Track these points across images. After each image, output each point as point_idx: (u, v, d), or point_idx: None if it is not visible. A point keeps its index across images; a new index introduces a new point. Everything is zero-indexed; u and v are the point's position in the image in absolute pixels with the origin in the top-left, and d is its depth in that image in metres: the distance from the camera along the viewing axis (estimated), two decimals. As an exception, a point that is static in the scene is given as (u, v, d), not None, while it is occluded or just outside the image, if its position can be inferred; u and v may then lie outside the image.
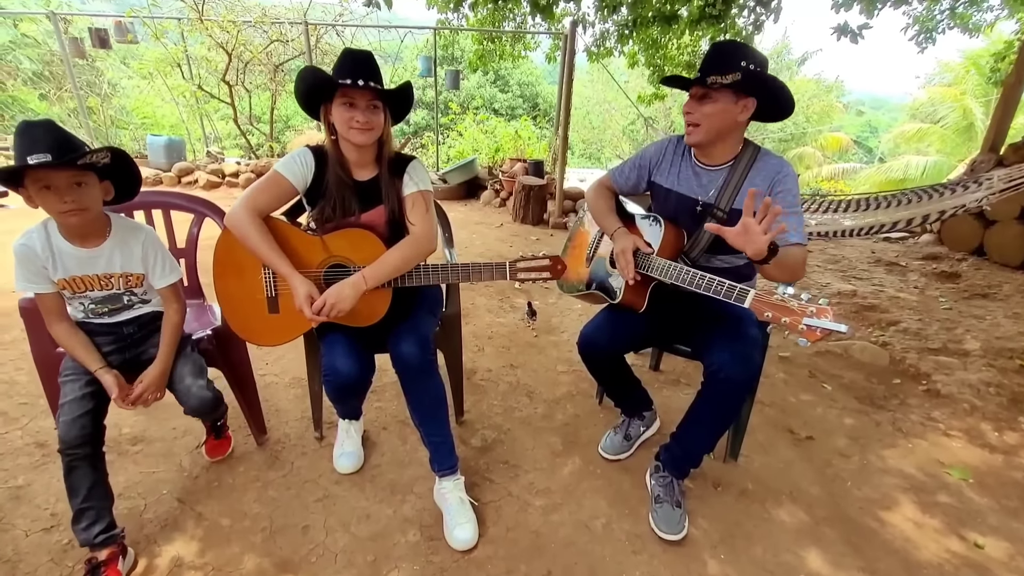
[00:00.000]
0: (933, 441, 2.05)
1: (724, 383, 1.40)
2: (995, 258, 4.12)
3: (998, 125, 4.44)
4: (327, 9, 6.97)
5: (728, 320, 1.53)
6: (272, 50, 5.97)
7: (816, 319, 1.10)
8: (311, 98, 1.48)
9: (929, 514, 1.67)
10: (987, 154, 4.41)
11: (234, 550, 1.42)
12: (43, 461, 1.71)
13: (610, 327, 1.65)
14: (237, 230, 1.41)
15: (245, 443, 1.83)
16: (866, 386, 2.43)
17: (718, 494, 1.71)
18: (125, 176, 1.35)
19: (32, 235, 1.30)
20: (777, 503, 1.68)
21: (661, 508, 1.54)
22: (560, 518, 1.58)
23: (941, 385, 2.40)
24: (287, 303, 1.50)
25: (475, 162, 6.27)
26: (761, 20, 4.96)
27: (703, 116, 1.39)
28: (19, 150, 1.17)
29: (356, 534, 1.49)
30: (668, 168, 1.61)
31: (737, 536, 1.54)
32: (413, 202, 1.55)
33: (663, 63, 6.49)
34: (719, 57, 1.35)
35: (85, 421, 1.30)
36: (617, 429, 1.88)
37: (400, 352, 1.48)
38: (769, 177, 1.44)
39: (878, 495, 1.74)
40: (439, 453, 1.54)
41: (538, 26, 6.74)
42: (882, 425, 2.14)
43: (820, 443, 1.99)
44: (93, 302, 1.41)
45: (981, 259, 4.21)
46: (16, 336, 2.49)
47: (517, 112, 19.37)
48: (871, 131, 26.83)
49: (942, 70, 14.79)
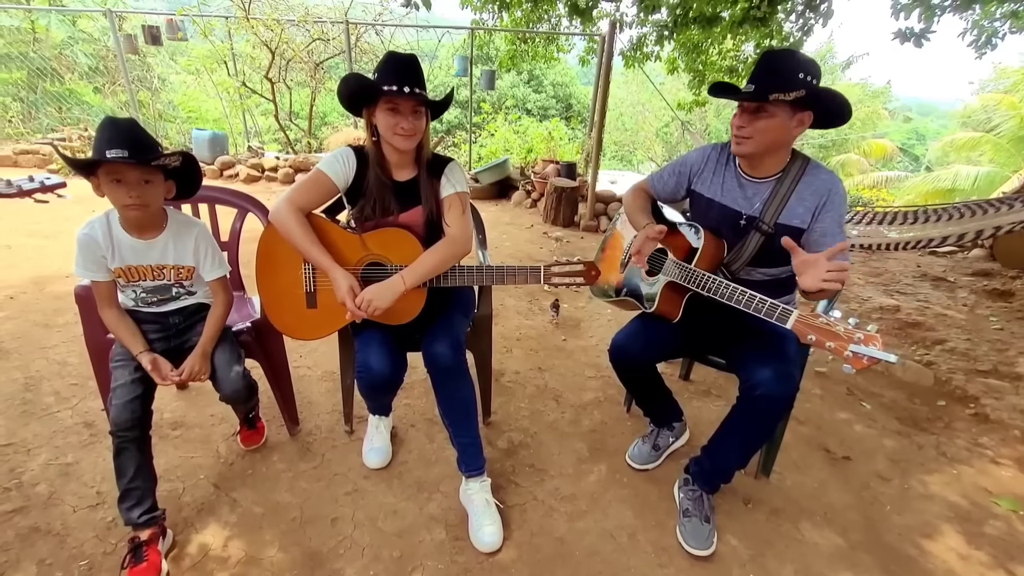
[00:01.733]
0: (980, 468, 1.95)
1: (762, 400, 1.36)
2: (1053, 277, 3.89)
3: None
4: (367, 8, 7.09)
5: (767, 335, 1.49)
6: (313, 48, 6.13)
7: (864, 346, 1.06)
8: (354, 101, 1.51)
9: (975, 545, 1.59)
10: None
11: (265, 537, 1.46)
12: (91, 441, 1.79)
13: (643, 336, 1.63)
14: (281, 225, 1.45)
15: (278, 433, 1.88)
16: (908, 407, 2.33)
17: (748, 511, 1.67)
18: (188, 178, 1.42)
19: (95, 225, 1.37)
20: (810, 524, 1.63)
21: (690, 522, 1.52)
22: (585, 526, 1.57)
23: (990, 410, 2.28)
24: (325, 299, 1.53)
25: (507, 162, 6.28)
26: (810, 24, 4.80)
27: (756, 131, 1.34)
28: (99, 143, 1.24)
29: (383, 529, 1.51)
30: (711, 177, 1.57)
31: (767, 555, 1.50)
32: (450, 204, 1.56)
33: (704, 69, 6.37)
34: (775, 69, 1.29)
35: (135, 405, 1.36)
36: (646, 438, 1.85)
37: (433, 352, 1.49)
38: (819, 194, 1.39)
39: (919, 522, 1.67)
40: (467, 454, 1.54)
41: (573, 28, 6.72)
42: (925, 449, 2.05)
43: (858, 464, 1.92)
44: (144, 291, 1.47)
45: (1038, 277, 3.98)
46: (69, 319, 2.62)
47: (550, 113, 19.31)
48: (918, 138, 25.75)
49: (999, 76, 14.06)
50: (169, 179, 1.40)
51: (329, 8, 6.52)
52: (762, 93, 1.30)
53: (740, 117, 1.37)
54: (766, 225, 1.44)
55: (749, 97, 1.32)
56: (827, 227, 1.38)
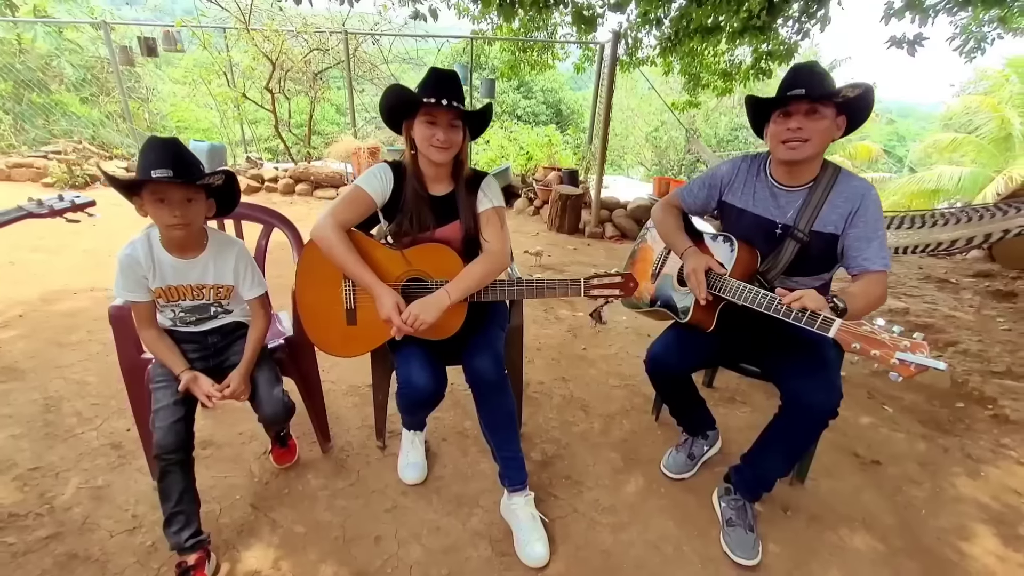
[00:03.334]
0: (1007, 469, 1.98)
1: (807, 410, 1.37)
2: (1052, 277, 3.98)
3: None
4: (363, 18, 7.10)
5: (805, 343, 1.50)
6: (311, 58, 6.11)
7: (911, 354, 1.07)
8: (394, 114, 1.51)
9: (1012, 548, 1.61)
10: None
11: (311, 558, 1.44)
12: (119, 462, 1.76)
13: (679, 346, 1.64)
14: (323, 243, 1.44)
15: (309, 450, 1.86)
16: (928, 409, 2.36)
17: (788, 519, 1.67)
18: (227, 195, 1.41)
19: (136, 245, 1.36)
20: (850, 530, 1.64)
21: (734, 531, 1.52)
22: (629, 537, 1.56)
23: (1010, 411, 2.32)
24: (365, 316, 1.52)
25: (509, 170, 6.30)
26: (807, 29, 4.89)
27: (815, 131, 1.34)
28: (144, 163, 1.23)
29: (428, 547, 1.50)
30: (741, 188, 1.59)
31: (812, 563, 1.51)
32: (488, 219, 1.57)
33: (700, 71, 6.46)
34: (816, 75, 1.32)
35: (179, 427, 1.34)
36: (680, 448, 1.86)
37: (475, 367, 1.49)
38: (852, 200, 1.41)
39: (955, 525, 1.69)
40: (510, 468, 1.54)
41: (570, 36, 6.78)
42: (951, 451, 2.07)
43: (888, 468, 1.94)
44: (183, 311, 1.45)
45: (1038, 278, 4.07)
46: (82, 337, 2.57)
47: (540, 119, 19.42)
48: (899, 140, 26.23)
49: (979, 78, 14.40)
50: (210, 197, 1.40)
51: (326, 18, 6.52)
52: (822, 94, 1.31)
53: (796, 119, 1.36)
54: (801, 233, 1.46)
55: (810, 98, 1.32)
56: (861, 232, 1.39)
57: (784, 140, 1.40)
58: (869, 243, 1.38)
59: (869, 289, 1.34)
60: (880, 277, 1.36)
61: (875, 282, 1.36)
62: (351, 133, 6.01)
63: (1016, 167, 10.19)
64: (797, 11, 4.92)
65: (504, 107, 18.20)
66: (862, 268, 1.39)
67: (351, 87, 6.02)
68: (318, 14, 6.17)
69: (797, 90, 1.34)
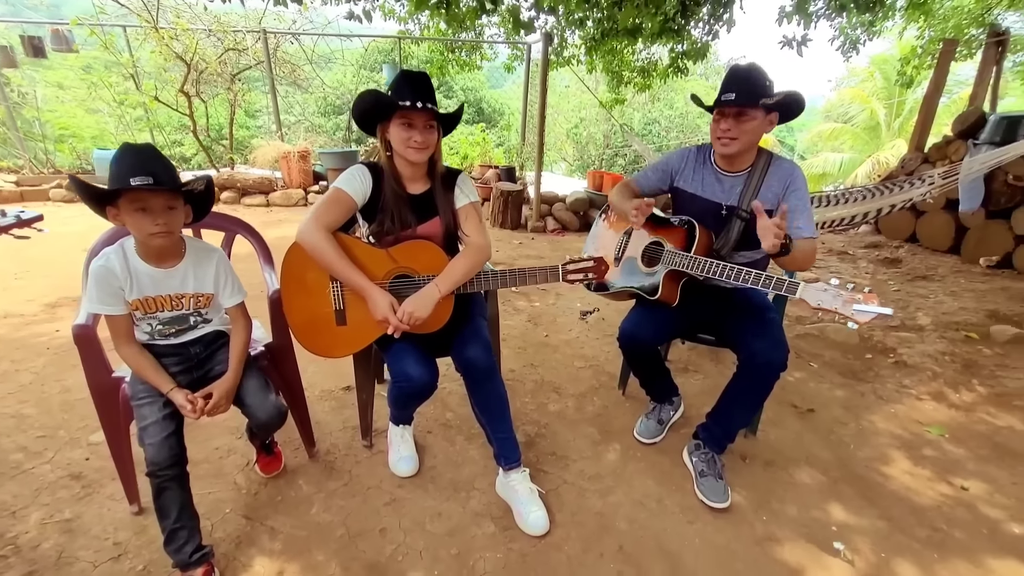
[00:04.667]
0: (909, 405, 2.35)
1: (764, 367, 1.58)
2: (927, 244, 4.66)
3: (921, 128, 5.02)
4: (280, 17, 6.79)
5: (755, 309, 1.72)
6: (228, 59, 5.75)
7: (865, 305, 1.28)
8: (368, 118, 1.54)
9: (920, 466, 1.94)
10: (914, 153, 4.98)
11: (318, 558, 1.45)
12: (84, 493, 1.65)
13: (648, 321, 1.80)
14: (311, 247, 1.45)
15: (294, 457, 1.84)
16: (845, 362, 2.73)
17: (747, 465, 1.90)
18: (202, 202, 1.38)
19: (110, 256, 1.30)
20: (797, 468, 1.89)
21: (706, 481, 1.71)
22: (616, 499, 1.71)
23: (907, 357, 2.74)
24: (354, 315, 1.55)
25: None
26: (716, 30, 5.35)
27: (742, 132, 1.55)
28: (121, 171, 1.19)
29: (433, 532, 1.55)
30: (691, 175, 1.78)
31: (771, 500, 1.73)
32: (467, 214, 1.64)
33: (621, 69, 6.84)
34: (749, 80, 1.52)
35: (172, 442, 1.30)
36: (649, 415, 2.04)
37: (467, 356, 1.56)
38: (783, 180, 1.64)
39: (877, 454, 1.99)
40: (505, 448, 1.63)
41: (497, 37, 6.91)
42: (866, 395, 2.42)
43: (819, 414, 2.24)
44: (161, 323, 1.40)
45: (915, 245, 4.75)
46: (6, 368, 2.34)
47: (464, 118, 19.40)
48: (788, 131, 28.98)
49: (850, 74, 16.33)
50: (186, 204, 1.36)
51: (240, 16, 6.17)
52: (750, 99, 1.51)
53: (726, 122, 1.57)
54: (744, 212, 1.67)
55: (738, 103, 1.53)
56: (793, 205, 1.62)
57: (718, 137, 1.61)
58: (801, 214, 1.62)
59: (805, 247, 1.57)
60: (812, 242, 1.60)
61: (808, 245, 1.59)
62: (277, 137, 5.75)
63: (883, 151, 11.70)
64: (706, 14, 5.37)
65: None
66: (797, 235, 1.61)
67: (274, 89, 5.75)
68: (231, 12, 5.83)
69: (728, 95, 1.54)
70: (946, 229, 4.44)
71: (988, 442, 2.10)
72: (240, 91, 6.02)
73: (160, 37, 4.93)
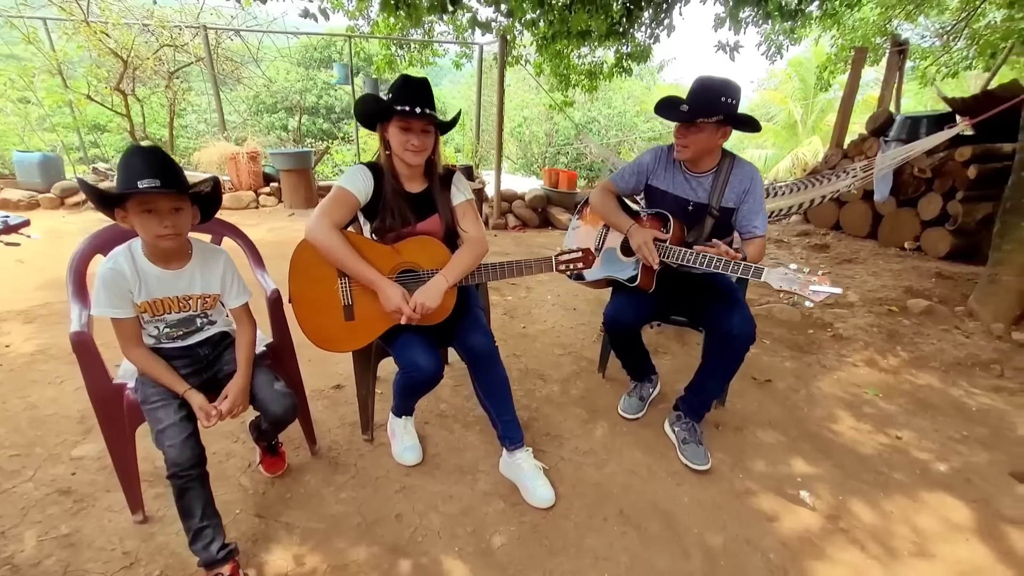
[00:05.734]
0: (849, 371, 2.67)
1: (737, 340, 1.77)
2: (849, 231, 5.19)
3: (840, 126, 5.57)
4: (218, 12, 6.49)
5: (723, 291, 1.92)
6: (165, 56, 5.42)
7: (820, 286, 1.49)
8: (369, 118, 1.60)
9: (862, 421, 2.22)
10: (835, 149, 5.52)
11: (339, 546, 1.49)
12: (78, 507, 1.60)
13: (630, 307, 1.96)
14: (322, 243, 1.49)
15: (297, 456, 1.86)
16: (791, 337, 3.04)
17: (720, 432, 2.11)
18: (208, 202, 1.39)
19: (119, 258, 1.29)
20: (762, 431, 2.12)
21: (688, 447, 1.89)
22: (611, 470, 1.86)
23: (842, 330, 3.08)
24: (362, 310, 1.60)
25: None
26: (657, 34, 5.66)
27: (691, 142, 1.75)
28: (128, 173, 1.19)
29: (447, 513, 1.63)
30: (663, 174, 1.96)
31: (744, 460, 1.95)
32: (464, 211, 1.73)
33: (568, 71, 7.06)
34: (706, 97, 1.68)
35: (192, 442, 1.31)
36: (631, 393, 2.21)
37: (472, 343, 1.65)
38: (744, 181, 1.84)
39: (826, 414, 2.27)
40: (510, 429, 1.73)
41: (446, 35, 6.95)
42: (812, 365, 2.72)
43: (776, 383, 2.50)
44: (168, 325, 1.40)
45: (839, 232, 5.27)
46: (-44, 388, 2.17)
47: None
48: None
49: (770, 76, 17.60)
50: (193, 204, 1.37)
51: (174, 10, 5.83)
52: (693, 116, 1.70)
53: (679, 131, 1.77)
54: (715, 209, 1.86)
55: (682, 118, 1.71)
56: (750, 207, 1.84)
57: (675, 143, 1.79)
58: (757, 215, 1.83)
59: (759, 245, 1.79)
60: (763, 240, 1.83)
61: (761, 242, 1.81)
62: (223, 137, 5.51)
63: (801, 148, 12.77)
64: (648, 18, 5.69)
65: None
66: (752, 233, 1.83)
67: (217, 87, 5.49)
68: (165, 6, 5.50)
69: (683, 107, 1.72)
70: (864, 217, 4.96)
71: (913, 398, 2.43)
72: (180, 89, 5.70)
73: (92, 32, 4.59)
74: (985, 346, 2.89)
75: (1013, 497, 1.81)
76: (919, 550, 1.58)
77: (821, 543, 1.58)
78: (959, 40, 8.01)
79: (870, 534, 1.63)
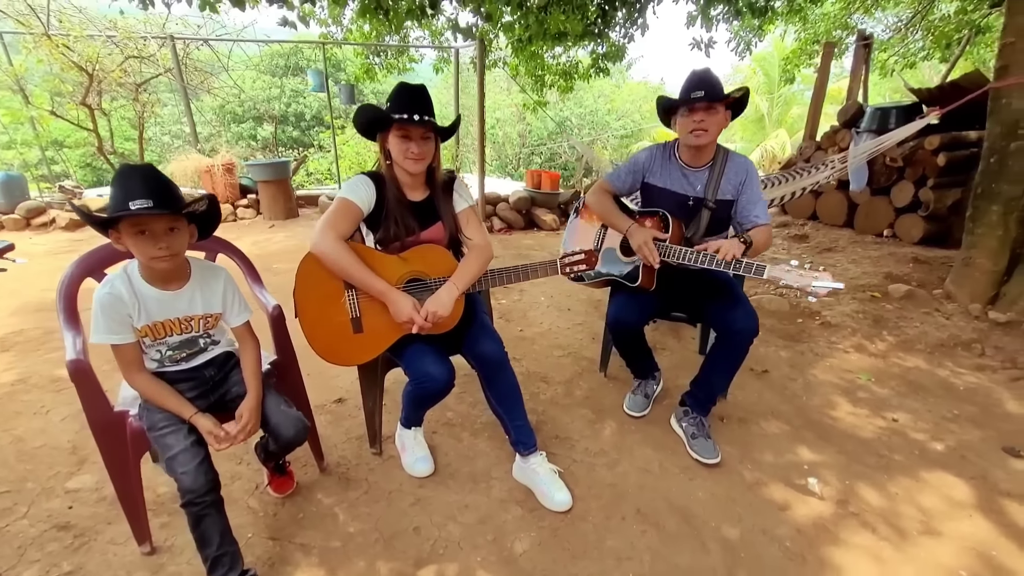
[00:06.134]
0: (840, 358, 2.74)
1: (741, 334, 1.80)
2: (825, 220, 5.33)
3: (812, 118, 5.72)
4: (184, 21, 6.32)
5: (724, 287, 1.94)
6: (132, 68, 5.24)
7: (822, 281, 1.52)
8: (368, 128, 1.58)
9: (859, 406, 2.28)
10: (809, 141, 5.67)
11: (360, 564, 1.46)
12: (80, 543, 1.53)
13: (632, 306, 1.97)
14: (328, 256, 1.46)
15: (305, 473, 1.82)
16: (782, 327, 3.10)
17: (725, 425, 2.14)
18: (207, 220, 1.34)
19: (115, 282, 1.24)
20: (766, 422, 2.16)
21: (697, 441, 1.91)
22: (623, 469, 1.87)
23: (830, 318, 3.16)
24: (370, 322, 1.57)
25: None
26: (632, 33, 5.74)
27: (712, 123, 1.76)
28: (120, 194, 1.14)
29: (465, 523, 1.62)
30: (659, 171, 1.98)
31: (752, 451, 1.98)
32: (467, 218, 1.72)
33: (543, 72, 7.10)
34: (712, 82, 1.73)
35: (207, 467, 1.27)
36: (636, 391, 2.22)
37: (483, 351, 1.64)
38: (740, 173, 1.88)
39: (824, 401, 2.32)
40: (523, 434, 1.72)
41: (422, 40, 6.91)
42: (805, 354, 2.78)
43: (772, 373, 2.55)
44: (171, 348, 1.35)
45: (816, 222, 5.41)
46: (-68, 425, 2.06)
47: (378, 123, 19.05)
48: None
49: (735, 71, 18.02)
50: (190, 223, 1.32)
51: (138, 21, 5.65)
52: (716, 96, 1.72)
53: (698, 115, 1.76)
54: (711, 202, 1.89)
55: (712, 98, 1.73)
56: (750, 196, 1.87)
57: (692, 130, 1.80)
58: (756, 204, 1.86)
59: (764, 233, 1.81)
60: (768, 227, 1.85)
61: (766, 231, 1.83)
62: (197, 150, 5.36)
63: (769, 140, 13.13)
64: (622, 18, 5.75)
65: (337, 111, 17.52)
66: (754, 223, 1.85)
67: (187, 98, 5.34)
68: (129, 15, 5.32)
69: (698, 92, 1.75)
70: (840, 207, 5.11)
71: (903, 381, 2.51)
72: (149, 102, 5.51)
73: (55, 45, 4.41)
74: (965, 326, 3.00)
75: (1007, 471, 1.88)
76: (927, 528, 1.62)
77: (834, 529, 1.62)
78: (916, 32, 8.33)
79: (880, 516, 1.67)
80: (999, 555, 1.52)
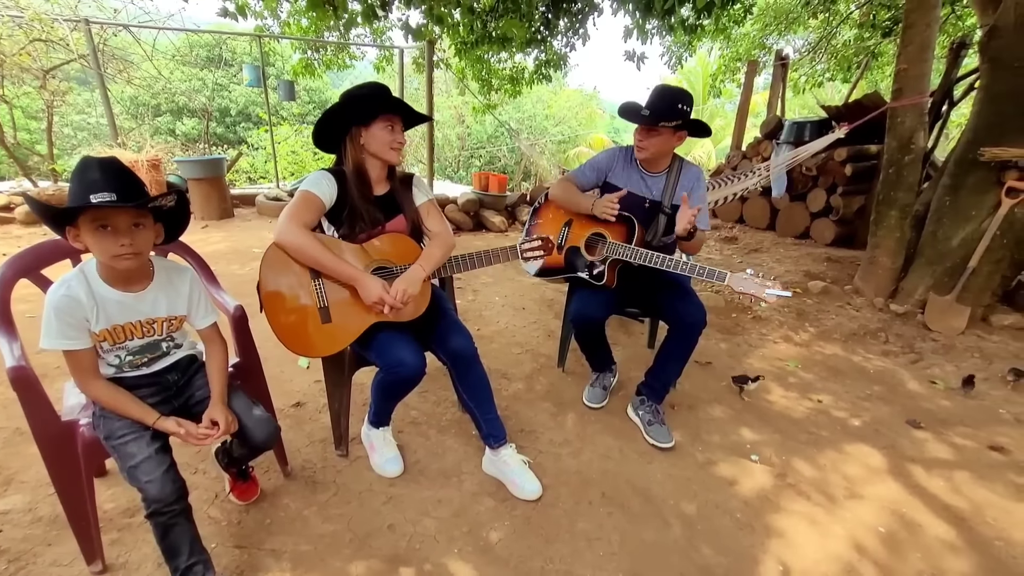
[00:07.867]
0: (771, 348, 3.00)
1: (692, 327, 1.95)
2: (751, 224, 5.78)
3: (738, 131, 6.19)
4: (100, 5, 5.81)
5: (675, 284, 2.09)
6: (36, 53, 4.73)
7: (773, 289, 1.68)
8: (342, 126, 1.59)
9: (789, 391, 2.53)
10: (735, 151, 6.12)
11: (335, 565, 1.45)
12: (16, 567, 1.40)
13: (594, 303, 2.07)
14: (295, 245, 1.46)
15: (268, 479, 1.76)
16: (720, 322, 3.35)
17: (676, 412, 2.29)
18: (174, 218, 1.29)
19: (72, 283, 1.16)
20: (711, 407, 2.34)
21: (654, 428, 2.05)
22: (587, 457, 1.96)
23: (760, 312, 3.46)
24: (338, 311, 1.57)
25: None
26: (573, 43, 5.95)
27: (650, 144, 1.91)
28: (80, 186, 1.08)
29: (439, 517, 1.64)
30: (620, 172, 2.10)
31: (701, 434, 2.14)
32: (428, 210, 1.76)
33: (490, 76, 7.19)
34: (666, 102, 1.85)
35: (173, 474, 1.22)
36: (594, 384, 2.33)
37: (453, 346, 1.68)
38: (692, 180, 2.04)
39: (760, 387, 2.54)
40: (494, 427, 1.77)
41: (363, 37, 6.78)
42: (741, 345, 3.03)
43: (714, 364, 2.76)
44: (131, 352, 1.29)
45: (743, 225, 5.86)
46: None
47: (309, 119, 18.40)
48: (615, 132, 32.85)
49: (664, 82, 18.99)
50: (157, 221, 1.27)
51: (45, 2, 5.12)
52: (654, 120, 1.86)
53: (640, 133, 1.92)
54: (668, 207, 2.04)
55: (646, 122, 1.87)
56: (694, 202, 2.03)
57: (635, 143, 1.95)
58: (702, 212, 2.03)
59: (701, 237, 1.98)
60: (704, 233, 2.03)
61: (702, 236, 2.01)
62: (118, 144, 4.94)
63: (696, 149, 14.02)
64: (564, 27, 5.95)
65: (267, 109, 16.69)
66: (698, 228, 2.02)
67: (104, 87, 4.91)
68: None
69: (645, 111, 1.88)
70: (763, 211, 5.57)
71: (824, 366, 2.80)
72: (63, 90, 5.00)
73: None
74: (872, 317, 3.38)
75: (911, 440, 2.16)
76: (851, 493, 1.84)
77: (775, 498, 1.79)
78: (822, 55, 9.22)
79: (812, 485, 1.87)
80: (909, 512, 1.76)
